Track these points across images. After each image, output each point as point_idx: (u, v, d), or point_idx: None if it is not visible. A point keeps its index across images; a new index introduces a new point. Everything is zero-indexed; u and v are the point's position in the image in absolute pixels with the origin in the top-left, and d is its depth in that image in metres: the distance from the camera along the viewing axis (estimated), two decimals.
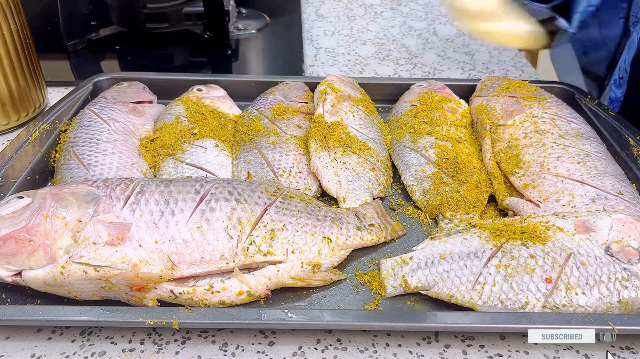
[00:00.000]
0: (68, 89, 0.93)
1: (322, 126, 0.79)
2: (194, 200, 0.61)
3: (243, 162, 0.76)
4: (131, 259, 0.55)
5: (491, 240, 0.60)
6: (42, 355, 0.55)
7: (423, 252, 0.62)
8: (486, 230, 0.62)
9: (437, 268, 0.60)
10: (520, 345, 0.57)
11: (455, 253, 0.60)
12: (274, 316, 0.55)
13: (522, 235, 0.60)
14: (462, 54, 1.22)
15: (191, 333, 0.58)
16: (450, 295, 0.58)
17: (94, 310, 0.54)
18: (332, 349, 0.56)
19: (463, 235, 0.62)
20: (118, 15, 1.21)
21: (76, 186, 0.61)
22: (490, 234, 0.61)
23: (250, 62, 1.21)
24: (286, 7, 1.43)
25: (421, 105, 0.87)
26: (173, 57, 1.21)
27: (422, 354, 0.56)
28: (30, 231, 0.56)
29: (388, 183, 0.78)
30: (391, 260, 0.63)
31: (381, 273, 0.62)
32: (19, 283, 0.56)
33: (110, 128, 0.78)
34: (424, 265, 0.61)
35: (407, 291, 0.60)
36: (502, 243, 0.60)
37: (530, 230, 0.60)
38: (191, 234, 0.58)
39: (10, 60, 0.85)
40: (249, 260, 0.59)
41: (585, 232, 0.60)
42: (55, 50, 1.16)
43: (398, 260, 0.63)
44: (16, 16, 0.85)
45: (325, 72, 1.13)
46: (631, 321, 0.55)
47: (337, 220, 0.65)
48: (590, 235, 0.59)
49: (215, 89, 0.91)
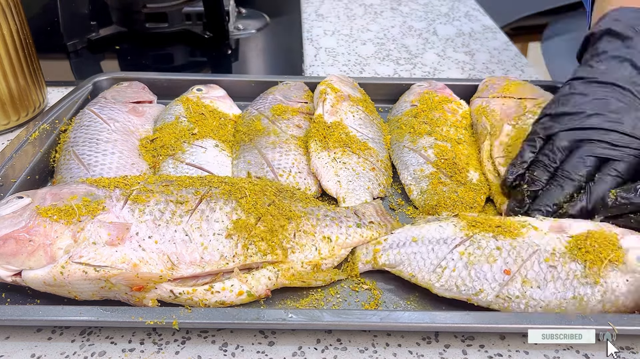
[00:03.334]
0: (68, 89, 0.93)
1: (322, 126, 0.79)
2: (194, 200, 0.61)
3: (243, 162, 0.76)
4: (131, 259, 0.55)
5: (464, 229, 0.62)
6: (42, 355, 0.55)
7: (398, 235, 0.65)
8: (464, 220, 0.63)
9: (406, 249, 0.63)
10: (520, 345, 0.57)
11: (426, 238, 0.63)
12: (274, 316, 0.55)
13: (496, 229, 0.61)
14: (462, 54, 1.22)
15: (191, 333, 0.58)
16: (412, 274, 0.61)
17: (94, 310, 0.54)
18: (332, 349, 0.56)
19: (440, 222, 0.64)
20: (118, 15, 1.21)
21: (76, 186, 0.61)
22: (466, 224, 0.63)
23: (250, 62, 1.21)
24: (286, 7, 1.43)
25: (421, 105, 0.87)
26: (173, 57, 1.21)
27: (422, 354, 0.56)
28: (30, 231, 0.56)
29: (388, 183, 0.78)
30: None
31: (356, 250, 0.65)
32: (19, 283, 0.56)
33: (110, 128, 0.78)
34: (395, 246, 0.64)
35: (375, 268, 0.64)
36: (474, 233, 0.61)
37: (506, 226, 0.62)
38: (191, 234, 0.58)
39: (10, 60, 0.85)
40: (249, 260, 0.59)
41: (558, 232, 0.61)
42: (55, 50, 1.16)
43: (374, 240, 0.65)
44: (16, 16, 0.85)
45: (325, 72, 1.13)
46: (631, 321, 0.55)
47: (336, 219, 0.65)
48: (561, 235, 0.60)
49: (215, 89, 0.91)
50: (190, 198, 0.61)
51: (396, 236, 0.64)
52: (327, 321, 0.55)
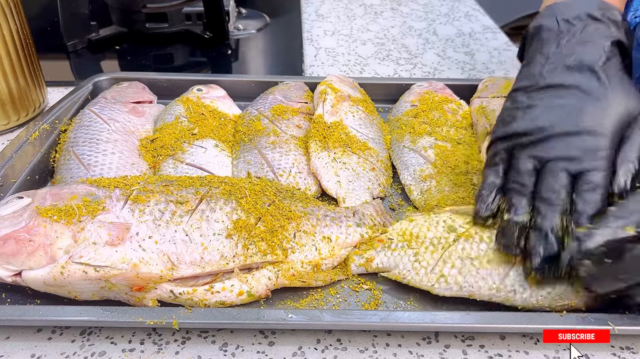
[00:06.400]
0: (68, 89, 0.93)
1: (322, 126, 0.79)
2: (194, 200, 0.61)
3: (243, 162, 0.76)
4: (131, 259, 0.55)
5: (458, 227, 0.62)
6: (42, 355, 0.55)
7: (393, 233, 0.64)
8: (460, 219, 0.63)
9: (399, 252, 0.62)
10: (520, 345, 0.57)
11: (419, 238, 0.62)
12: (274, 316, 0.55)
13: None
14: (462, 54, 1.22)
15: (191, 333, 0.58)
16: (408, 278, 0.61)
17: (94, 310, 0.54)
18: (332, 349, 0.56)
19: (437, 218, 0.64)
20: (118, 15, 1.21)
21: (76, 187, 0.61)
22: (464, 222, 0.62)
23: (250, 62, 1.21)
24: (286, 7, 1.43)
25: (422, 105, 0.87)
26: (173, 57, 1.21)
27: (422, 354, 0.56)
28: (30, 231, 0.56)
29: (388, 183, 0.78)
30: None
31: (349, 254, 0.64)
32: (19, 283, 0.56)
33: (110, 128, 0.78)
34: (387, 248, 0.63)
35: (369, 271, 0.63)
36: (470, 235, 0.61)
37: None
38: (191, 234, 0.58)
39: (10, 60, 0.85)
40: (249, 260, 0.59)
41: None
42: (55, 50, 1.16)
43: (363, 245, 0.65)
44: (16, 16, 0.85)
45: (325, 72, 1.13)
46: (631, 321, 0.55)
47: (336, 219, 0.65)
48: None
49: (215, 89, 0.91)
50: (191, 198, 0.61)
51: (391, 236, 0.64)
52: (327, 321, 0.55)
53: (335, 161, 0.75)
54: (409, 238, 0.63)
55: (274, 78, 0.97)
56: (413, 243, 0.62)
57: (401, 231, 0.64)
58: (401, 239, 0.63)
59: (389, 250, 0.63)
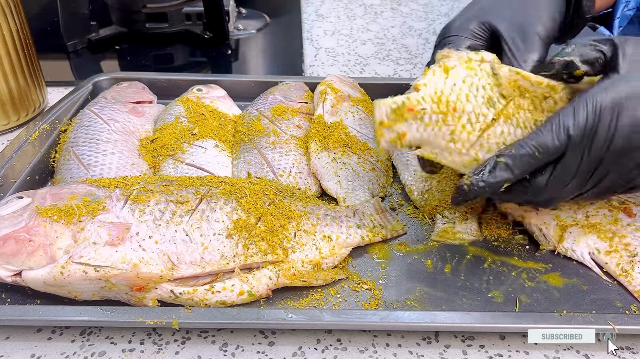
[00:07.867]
0: (68, 89, 0.93)
1: (322, 126, 0.79)
2: (194, 200, 0.61)
3: (243, 162, 0.76)
4: (131, 259, 0.55)
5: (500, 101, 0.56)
6: (42, 355, 0.55)
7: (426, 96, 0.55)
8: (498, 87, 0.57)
9: (433, 127, 0.55)
10: (520, 345, 0.57)
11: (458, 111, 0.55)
12: (274, 316, 0.55)
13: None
14: None
15: (191, 333, 0.58)
16: (440, 157, 0.56)
17: (94, 310, 0.54)
18: (332, 349, 0.56)
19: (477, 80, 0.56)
20: (118, 15, 1.21)
21: (76, 187, 0.61)
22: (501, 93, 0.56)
23: (250, 62, 1.21)
24: (286, 7, 1.43)
25: None
26: (173, 57, 1.21)
27: (422, 354, 0.56)
28: (30, 231, 0.56)
29: (388, 183, 0.78)
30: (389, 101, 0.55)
31: (375, 117, 0.56)
32: (19, 283, 0.56)
33: (110, 128, 0.78)
34: (420, 120, 0.55)
35: (399, 147, 0.56)
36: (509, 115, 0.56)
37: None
38: (191, 234, 0.58)
39: (10, 60, 0.85)
40: (250, 260, 0.59)
41: None
42: (55, 50, 1.16)
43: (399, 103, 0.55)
44: (16, 16, 0.85)
45: (325, 72, 1.13)
46: (631, 321, 0.55)
47: (336, 218, 0.65)
48: None
49: (215, 89, 0.91)
50: (191, 198, 0.61)
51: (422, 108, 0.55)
52: (327, 321, 0.55)
53: (335, 161, 0.75)
54: (445, 109, 0.55)
55: (274, 78, 0.97)
56: (449, 117, 0.55)
57: (436, 96, 0.55)
58: (436, 110, 0.55)
59: (422, 124, 0.55)
